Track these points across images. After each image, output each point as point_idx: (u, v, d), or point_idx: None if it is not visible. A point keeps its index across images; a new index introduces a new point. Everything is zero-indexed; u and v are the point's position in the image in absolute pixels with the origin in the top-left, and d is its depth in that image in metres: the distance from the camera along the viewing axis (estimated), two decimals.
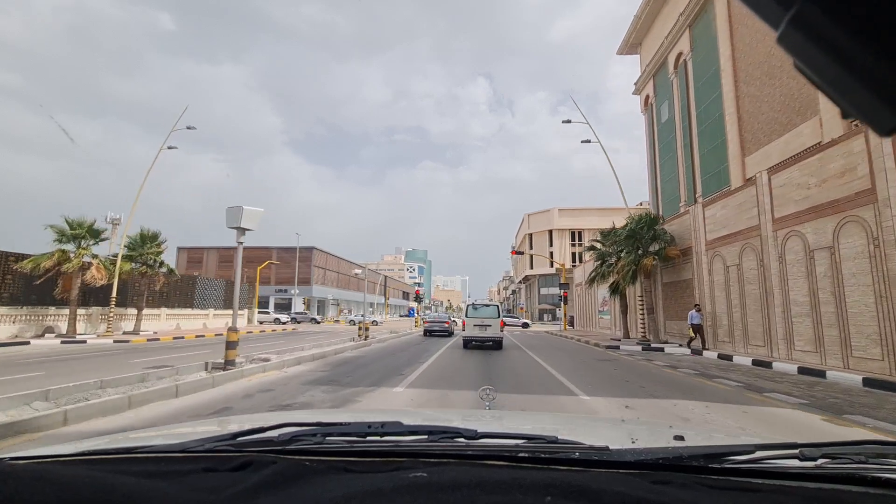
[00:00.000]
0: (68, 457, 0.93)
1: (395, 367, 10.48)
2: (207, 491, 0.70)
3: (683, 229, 17.15)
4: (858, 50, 0.29)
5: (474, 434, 1.01)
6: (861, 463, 0.89)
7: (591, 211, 56.22)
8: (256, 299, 37.88)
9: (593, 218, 55.07)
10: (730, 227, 13.93)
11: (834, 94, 0.33)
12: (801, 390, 7.89)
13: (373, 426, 1.07)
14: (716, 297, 14.79)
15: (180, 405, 6.01)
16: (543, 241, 58.14)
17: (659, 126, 28.46)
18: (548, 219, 56.75)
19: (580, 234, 55.99)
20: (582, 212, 56.23)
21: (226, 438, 1.03)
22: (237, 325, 9.06)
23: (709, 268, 15.17)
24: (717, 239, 14.69)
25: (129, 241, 19.60)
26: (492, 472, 0.77)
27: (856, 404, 6.72)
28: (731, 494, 0.74)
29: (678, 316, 17.44)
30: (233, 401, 6.39)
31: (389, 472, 0.78)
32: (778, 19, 0.32)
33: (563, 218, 56.33)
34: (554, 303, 57.93)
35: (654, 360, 12.52)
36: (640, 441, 1.27)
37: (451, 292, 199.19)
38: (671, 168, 26.67)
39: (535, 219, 58.66)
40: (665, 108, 27.46)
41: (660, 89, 28.37)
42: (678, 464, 0.87)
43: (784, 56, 0.25)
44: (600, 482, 0.72)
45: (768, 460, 0.88)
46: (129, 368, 9.46)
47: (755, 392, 7.71)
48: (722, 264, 14.37)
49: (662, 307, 18.68)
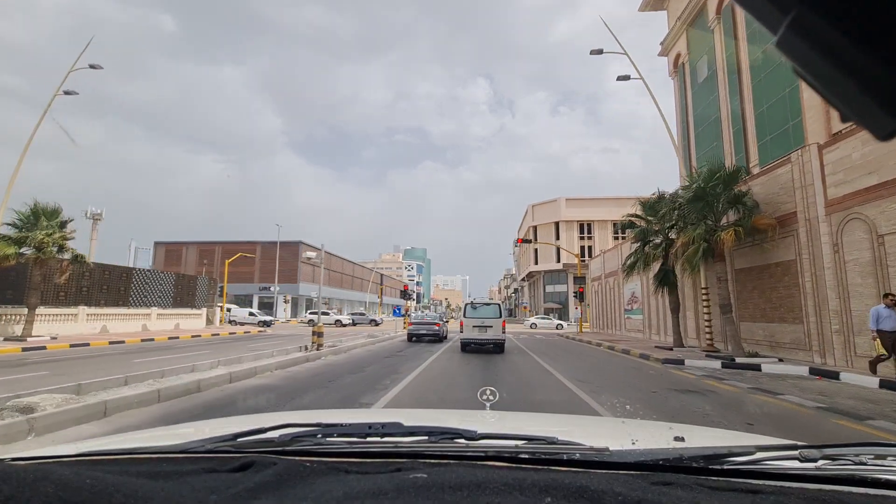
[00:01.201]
0: (69, 457, 0.93)
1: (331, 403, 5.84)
2: (208, 491, 0.70)
3: (776, 190, 12.11)
4: (857, 54, 0.29)
5: (474, 435, 1.02)
6: (861, 464, 0.88)
7: (602, 201, 51.48)
8: (225, 297, 33.23)
9: (604, 209, 50.36)
10: (886, 172, 8.94)
11: (832, 99, 0.33)
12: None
13: (373, 427, 1.10)
14: (850, 284, 9.80)
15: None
16: (549, 235, 53.41)
17: (694, 89, 23.75)
18: (554, 209, 51.98)
19: (589, 226, 51.29)
20: (591, 202, 51.48)
21: (226, 439, 1.03)
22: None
23: (834, 240, 10.19)
24: (853, 194, 9.75)
25: (18, 217, 14.91)
26: (492, 473, 0.77)
27: None
28: (732, 495, 0.73)
29: (762, 316, 12.62)
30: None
31: (390, 472, 0.79)
32: (777, 24, 0.31)
33: (570, 208, 51.59)
34: (560, 301, 53.20)
35: (779, 393, 7.54)
36: (640, 442, 1.27)
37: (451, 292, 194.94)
38: (711, 137, 21.96)
39: (541, 210, 53.88)
40: (703, 64, 22.75)
41: (695, 44, 23.63)
42: (678, 465, 0.87)
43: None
44: (600, 483, 0.72)
45: (768, 461, 0.89)
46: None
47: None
48: (868, 232, 9.38)
49: (736, 304, 13.48)
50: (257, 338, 21.11)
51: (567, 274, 51.57)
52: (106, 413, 5.09)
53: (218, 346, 16.19)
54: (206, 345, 16.62)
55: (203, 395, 6.75)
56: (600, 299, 28.98)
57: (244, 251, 57.94)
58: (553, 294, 54.41)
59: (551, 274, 54.14)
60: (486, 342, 13.85)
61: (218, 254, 58.31)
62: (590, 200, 51.88)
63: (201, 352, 13.42)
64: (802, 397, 7.10)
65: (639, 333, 22.06)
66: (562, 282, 52.91)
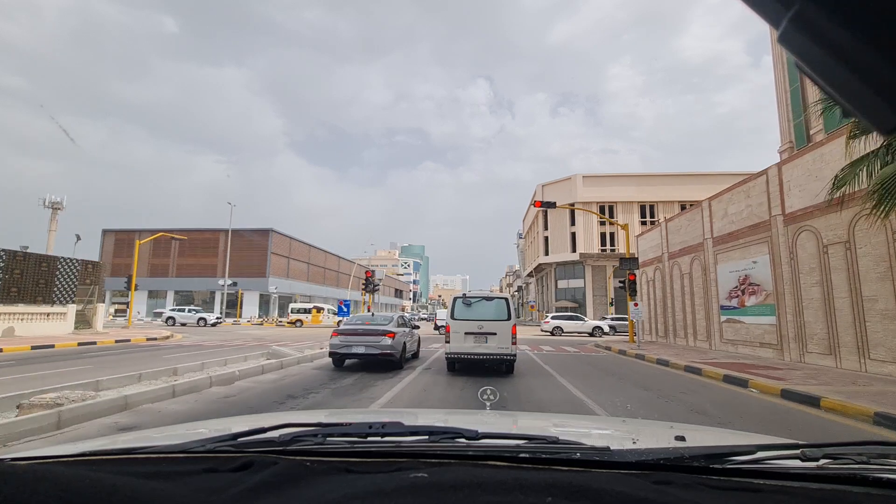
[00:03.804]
0: (69, 457, 0.93)
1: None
2: (208, 491, 0.70)
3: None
4: (859, 49, 0.29)
5: (475, 434, 1.01)
6: (863, 463, 0.87)
7: (625, 178, 43.25)
8: (133, 289, 25.11)
9: (629, 187, 42.14)
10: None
11: (835, 94, 0.32)
12: None
13: (374, 426, 1.08)
14: None
15: None
16: (562, 220, 45.17)
17: None
18: (569, 189, 43.70)
19: (612, 208, 43.00)
20: (613, 179, 43.20)
21: (227, 439, 1.02)
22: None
23: None
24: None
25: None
26: (493, 473, 0.77)
27: None
28: (733, 495, 0.73)
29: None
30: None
31: (390, 472, 0.78)
32: (779, 18, 0.31)
33: (588, 188, 43.37)
34: (576, 299, 44.89)
35: None
36: (641, 441, 1.27)
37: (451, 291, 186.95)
38: None
39: (552, 190, 45.56)
40: None
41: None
42: (679, 464, 0.86)
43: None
44: (601, 482, 0.72)
45: (770, 461, 0.88)
46: None
47: None
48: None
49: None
50: (132, 351, 13.06)
51: (584, 266, 43.26)
52: None
53: None
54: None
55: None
56: (656, 293, 20.42)
57: (206, 240, 49.91)
58: (566, 291, 46.14)
59: (565, 267, 45.88)
60: (486, 358, 8.74)
61: (175, 243, 50.10)
62: (611, 178, 43.61)
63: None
64: None
65: (757, 347, 13.02)
66: (577, 275, 44.64)
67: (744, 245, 13.54)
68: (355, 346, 9.35)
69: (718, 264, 14.84)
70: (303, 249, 57.14)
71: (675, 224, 18.50)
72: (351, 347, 9.37)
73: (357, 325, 9.90)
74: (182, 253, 50.32)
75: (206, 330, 28.76)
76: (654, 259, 20.33)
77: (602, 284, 42.65)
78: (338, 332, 9.65)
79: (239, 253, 48.37)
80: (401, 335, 9.83)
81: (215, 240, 49.87)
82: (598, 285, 42.97)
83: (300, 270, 56.36)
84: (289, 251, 53.09)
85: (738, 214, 13.83)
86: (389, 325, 9.88)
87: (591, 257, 42.72)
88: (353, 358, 9.63)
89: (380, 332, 9.43)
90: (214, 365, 9.46)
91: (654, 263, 20.34)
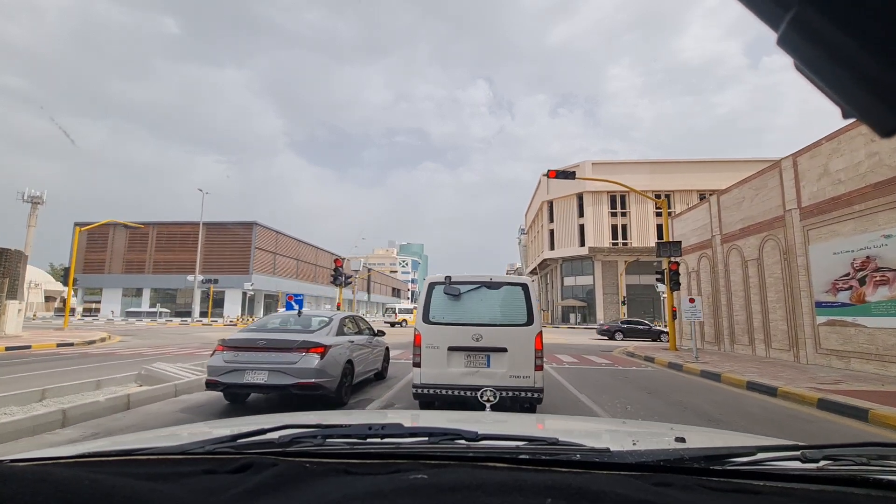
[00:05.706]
0: (68, 458, 0.92)
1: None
2: (208, 493, 0.70)
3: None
4: (858, 51, 0.29)
5: (475, 436, 1.01)
6: (863, 465, 0.87)
7: (638, 166, 39.82)
8: (71, 282, 21.77)
9: (641, 175, 38.65)
10: None
11: (834, 96, 0.32)
12: None
13: (373, 428, 1.07)
14: None
15: None
16: (570, 211, 41.76)
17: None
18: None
19: (623, 198, 39.57)
20: (625, 167, 39.78)
21: (226, 440, 1.01)
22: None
23: None
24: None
25: None
26: (492, 474, 0.77)
27: None
28: (733, 496, 0.73)
29: None
30: None
31: (390, 473, 0.78)
32: (777, 20, 0.31)
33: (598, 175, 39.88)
34: (584, 297, 41.47)
35: None
36: (641, 443, 1.26)
37: None
38: None
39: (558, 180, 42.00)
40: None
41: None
42: (679, 466, 0.86)
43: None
44: (601, 484, 0.71)
45: (770, 462, 0.88)
46: None
47: None
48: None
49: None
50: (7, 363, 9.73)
51: (594, 261, 39.80)
52: None
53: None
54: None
55: None
56: (701, 287, 16.63)
57: (184, 234, 46.48)
58: (573, 288, 42.74)
59: (572, 262, 42.47)
60: (487, 394, 3.67)
61: (152, 237, 46.70)
62: (623, 165, 40.21)
63: None
64: None
65: (873, 362, 9.54)
66: (586, 272, 41.22)
67: (862, 213, 9.82)
68: (251, 370, 5.37)
69: (811, 244, 11.16)
70: (291, 245, 53.71)
71: (732, 197, 14.64)
72: (244, 374, 5.36)
73: (258, 333, 6.00)
74: (160, 248, 46.92)
75: (158, 330, 25.66)
76: (698, 245, 16.76)
77: (613, 281, 39.19)
78: (225, 344, 5.66)
79: (220, 248, 44.95)
80: (341, 349, 6.01)
81: (196, 234, 46.35)
82: (608, 282, 39.51)
83: (289, 267, 52.92)
84: (275, 246, 49.65)
85: (852, 169, 10.15)
86: (318, 333, 5.98)
87: (602, 251, 39.28)
88: (250, 390, 5.75)
89: (295, 345, 5.53)
90: (69, 392, 6.07)
91: (698, 251, 16.77)
